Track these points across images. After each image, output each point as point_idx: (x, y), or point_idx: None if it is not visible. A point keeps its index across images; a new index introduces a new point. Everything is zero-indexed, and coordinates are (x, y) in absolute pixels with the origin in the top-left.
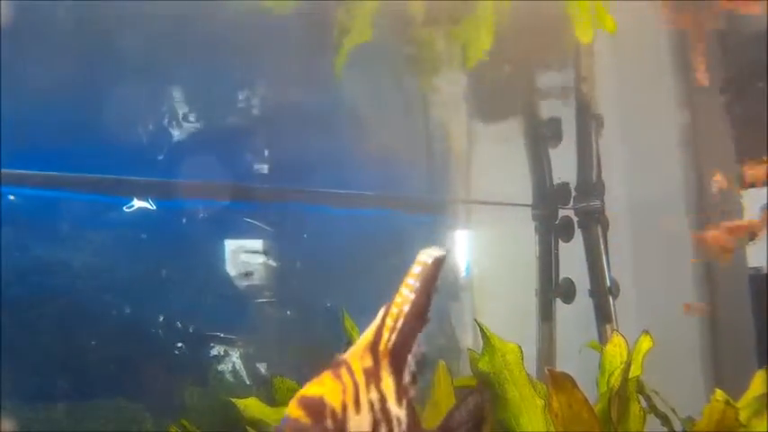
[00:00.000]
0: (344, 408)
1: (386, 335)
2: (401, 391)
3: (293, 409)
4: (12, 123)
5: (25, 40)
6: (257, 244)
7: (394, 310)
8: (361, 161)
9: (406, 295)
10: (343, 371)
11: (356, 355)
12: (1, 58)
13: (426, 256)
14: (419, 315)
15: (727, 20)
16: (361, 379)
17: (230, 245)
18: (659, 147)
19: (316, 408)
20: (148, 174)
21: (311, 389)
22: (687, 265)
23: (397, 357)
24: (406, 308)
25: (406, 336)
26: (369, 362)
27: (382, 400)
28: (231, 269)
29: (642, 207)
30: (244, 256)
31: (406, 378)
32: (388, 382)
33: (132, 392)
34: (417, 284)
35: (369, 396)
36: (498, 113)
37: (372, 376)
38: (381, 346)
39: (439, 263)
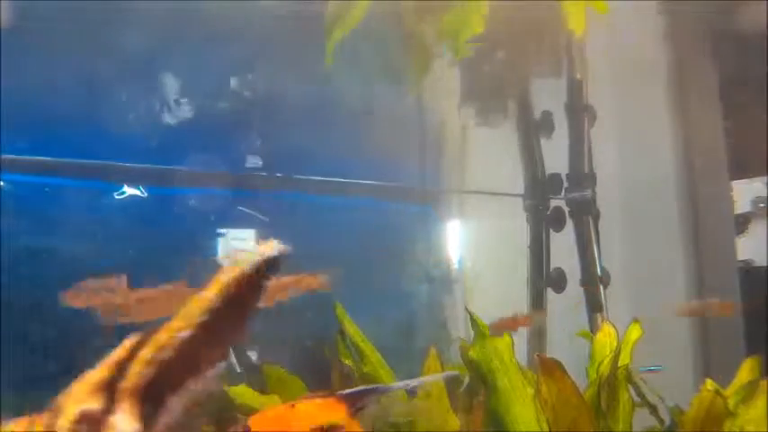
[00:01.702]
0: None
1: (136, 369)
2: None
3: None
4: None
5: (19, 30)
6: (248, 232)
7: (163, 336)
8: (355, 151)
9: (190, 316)
10: (43, 418)
11: (77, 396)
12: (1, 55)
13: (242, 258)
14: (209, 344)
15: (724, 20)
16: (68, 427)
17: (221, 233)
18: (650, 138)
19: None
20: (140, 161)
21: None
22: (678, 255)
23: (151, 398)
24: (185, 333)
25: (172, 371)
26: (96, 404)
27: None
28: (220, 257)
29: (633, 197)
30: (235, 243)
31: (160, 427)
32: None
33: None
34: (214, 301)
35: None
36: (491, 104)
37: (94, 424)
38: (125, 384)
39: (263, 266)
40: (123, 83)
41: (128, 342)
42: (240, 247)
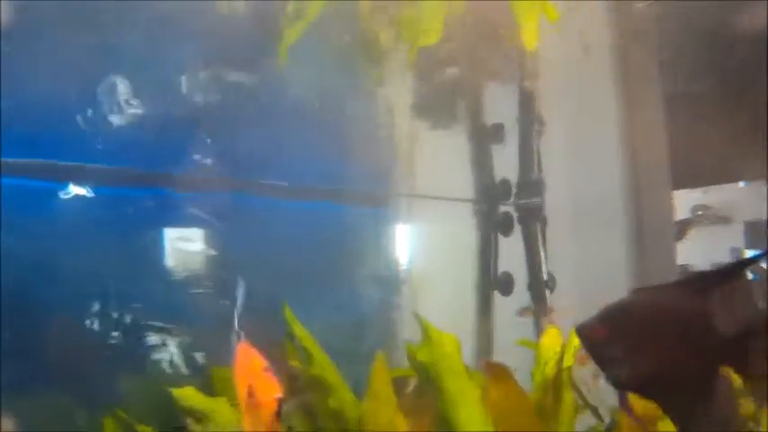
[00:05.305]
0: None
1: None
2: None
3: None
4: None
5: None
6: (197, 233)
7: None
8: (305, 154)
9: None
10: None
11: None
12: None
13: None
14: None
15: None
16: None
17: (170, 234)
18: (597, 148)
19: None
20: (88, 161)
21: None
22: (622, 260)
23: None
24: None
25: None
26: None
27: None
28: (170, 258)
29: (580, 205)
30: (183, 245)
31: None
32: None
33: (66, 384)
34: None
35: None
36: (442, 109)
37: None
38: None
39: None
40: (70, 83)
41: None
42: (187, 248)
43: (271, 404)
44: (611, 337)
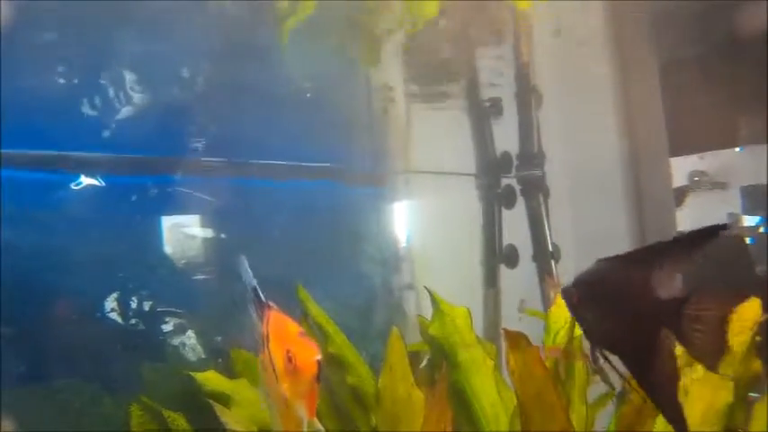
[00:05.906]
0: None
1: None
2: None
3: None
4: None
5: None
6: (205, 218)
7: None
8: (303, 133)
9: None
10: None
11: None
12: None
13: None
14: None
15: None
16: None
17: (178, 220)
18: (595, 119)
19: None
20: (92, 150)
21: None
22: (623, 228)
23: None
24: None
25: None
26: None
27: None
28: (179, 245)
29: (580, 175)
30: (191, 230)
31: None
32: None
33: (89, 373)
34: None
35: None
36: (440, 85)
37: None
38: None
39: None
40: (70, 70)
41: None
42: (192, 233)
43: (311, 367)
44: (582, 300)
